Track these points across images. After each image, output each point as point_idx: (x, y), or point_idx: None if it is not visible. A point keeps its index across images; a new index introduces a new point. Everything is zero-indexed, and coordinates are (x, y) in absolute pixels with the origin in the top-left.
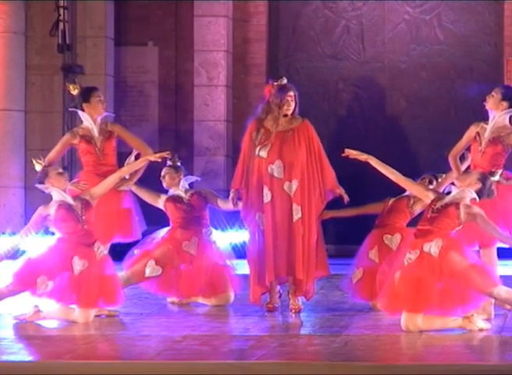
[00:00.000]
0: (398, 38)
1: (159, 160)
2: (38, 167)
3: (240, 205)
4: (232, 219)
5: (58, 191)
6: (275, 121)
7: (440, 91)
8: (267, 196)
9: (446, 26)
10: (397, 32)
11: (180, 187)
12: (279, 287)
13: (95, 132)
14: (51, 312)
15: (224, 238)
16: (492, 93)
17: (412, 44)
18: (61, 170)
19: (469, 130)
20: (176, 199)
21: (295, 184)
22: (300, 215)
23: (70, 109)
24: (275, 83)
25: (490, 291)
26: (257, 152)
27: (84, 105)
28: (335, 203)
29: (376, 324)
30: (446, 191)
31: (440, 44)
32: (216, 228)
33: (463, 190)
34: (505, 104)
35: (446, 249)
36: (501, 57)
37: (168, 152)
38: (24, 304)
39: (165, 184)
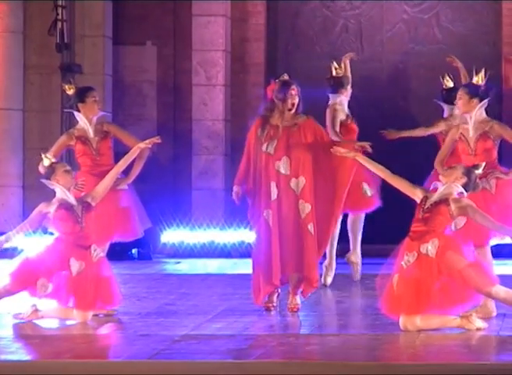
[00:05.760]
0: (396, 38)
1: (149, 146)
2: (47, 162)
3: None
4: (231, 218)
5: (62, 189)
6: (281, 115)
7: (438, 90)
8: (274, 193)
9: (444, 26)
10: (395, 31)
11: None
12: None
13: (91, 132)
14: (49, 311)
15: (223, 237)
16: (458, 96)
17: (410, 44)
18: (68, 168)
19: (450, 134)
20: None
21: (302, 182)
22: (308, 211)
23: (66, 110)
24: (277, 80)
25: (488, 290)
26: (264, 148)
27: (80, 106)
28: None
29: (374, 323)
30: (432, 188)
31: (438, 44)
32: (215, 227)
33: (449, 185)
34: (475, 100)
35: (443, 249)
36: (499, 56)
37: (157, 137)
38: (22, 303)
39: None
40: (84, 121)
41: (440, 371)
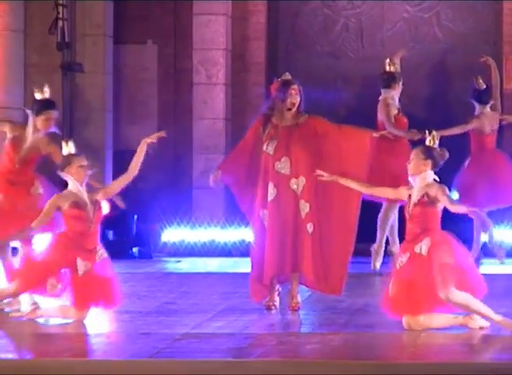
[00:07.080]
0: (397, 37)
1: (155, 141)
2: (65, 151)
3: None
4: (231, 217)
5: (74, 183)
6: (281, 115)
7: (439, 89)
8: (272, 193)
9: (444, 25)
10: (396, 30)
11: None
12: (278, 285)
13: (28, 139)
14: (48, 309)
15: (224, 236)
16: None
17: (411, 43)
18: (83, 163)
19: None
20: None
21: (302, 181)
22: (308, 210)
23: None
24: (279, 79)
25: (444, 293)
26: (264, 148)
27: (34, 117)
28: None
29: (375, 322)
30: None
31: (439, 43)
32: (216, 226)
33: (421, 177)
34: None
35: (434, 246)
36: (500, 55)
37: (163, 131)
38: (22, 301)
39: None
40: (30, 127)
41: (441, 370)
